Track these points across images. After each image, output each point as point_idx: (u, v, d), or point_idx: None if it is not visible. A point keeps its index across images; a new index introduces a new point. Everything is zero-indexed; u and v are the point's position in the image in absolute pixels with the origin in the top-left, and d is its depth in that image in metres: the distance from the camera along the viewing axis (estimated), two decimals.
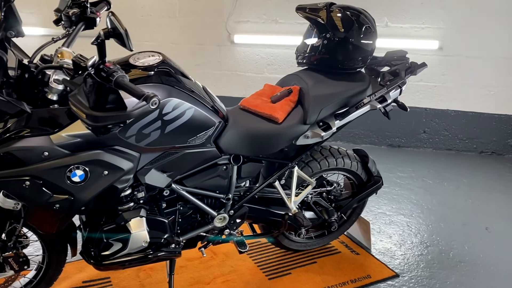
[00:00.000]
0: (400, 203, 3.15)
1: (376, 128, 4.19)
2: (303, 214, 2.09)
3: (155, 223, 1.76)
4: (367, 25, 2.02)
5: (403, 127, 4.15)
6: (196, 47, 4.31)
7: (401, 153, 4.07)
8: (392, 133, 4.19)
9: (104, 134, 1.36)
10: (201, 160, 1.84)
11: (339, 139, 4.30)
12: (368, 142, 4.25)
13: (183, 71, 1.80)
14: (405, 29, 3.87)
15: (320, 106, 1.95)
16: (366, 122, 4.19)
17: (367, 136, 4.24)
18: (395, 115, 4.07)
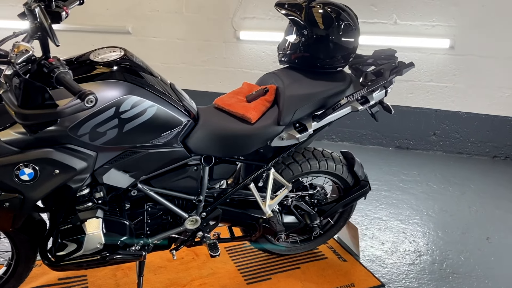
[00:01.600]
0: (399, 208, 3.02)
1: (384, 129, 4.05)
2: (277, 218, 2.01)
3: (114, 224, 1.71)
4: (347, 22, 1.91)
5: (412, 129, 3.99)
6: (202, 43, 4.26)
7: (409, 156, 3.91)
8: (400, 135, 4.04)
9: (35, 133, 1.32)
10: (167, 160, 1.78)
11: (346, 139, 4.17)
12: (375, 143, 4.11)
13: (148, 67, 1.75)
14: (414, 27, 3.71)
15: (295, 106, 1.86)
16: (374, 123, 4.04)
17: (375, 137, 4.10)
18: (404, 116, 3.95)
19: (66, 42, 4.81)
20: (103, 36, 4.50)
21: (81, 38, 4.55)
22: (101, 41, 4.54)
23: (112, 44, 4.38)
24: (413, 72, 3.79)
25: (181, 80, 4.42)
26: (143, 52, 4.47)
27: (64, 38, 4.91)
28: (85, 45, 4.57)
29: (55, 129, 1.48)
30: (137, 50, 4.41)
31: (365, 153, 3.93)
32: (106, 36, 4.49)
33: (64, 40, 4.89)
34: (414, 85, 3.86)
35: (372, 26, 3.78)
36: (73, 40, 4.59)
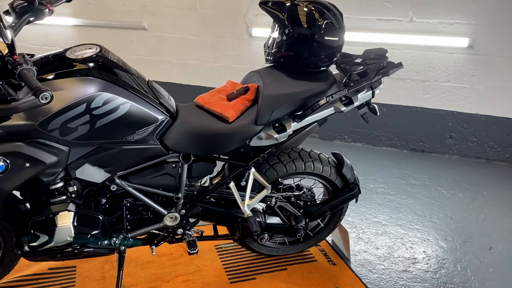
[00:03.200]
0: (401, 213, 2.92)
1: (398, 130, 3.93)
2: (255, 219, 1.99)
3: (86, 218, 1.74)
4: (329, 21, 1.86)
5: (427, 131, 3.85)
6: (215, 40, 4.26)
7: (423, 159, 3.78)
8: (415, 137, 3.91)
9: None
10: (143, 157, 1.80)
11: (358, 140, 4.08)
12: (389, 145, 4.00)
13: (124, 64, 1.76)
14: (431, 25, 3.57)
15: (273, 106, 1.82)
16: (388, 124, 3.94)
17: (389, 138, 3.98)
18: (419, 118, 3.82)
19: (85, 37, 4.97)
20: (119, 32, 4.59)
21: (99, 34, 4.67)
22: (118, 37, 4.63)
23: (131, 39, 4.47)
24: (429, 72, 3.67)
25: (194, 76, 4.46)
26: (158, 48, 4.56)
27: (83, 34, 5.05)
28: (103, 40, 4.68)
29: (25, 123, 1.52)
30: (152, 46, 4.51)
31: (377, 155, 3.84)
32: (123, 32, 4.58)
33: (83, 36, 5.04)
34: (430, 86, 3.73)
35: (387, 23, 3.67)
36: (91, 35, 4.72)
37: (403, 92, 3.81)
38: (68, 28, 4.78)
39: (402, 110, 3.86)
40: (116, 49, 4.67)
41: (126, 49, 4.65)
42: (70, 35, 4.83)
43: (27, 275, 2.22)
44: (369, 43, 3.74)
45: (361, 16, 3.72)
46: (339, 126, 4.08)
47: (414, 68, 3.71)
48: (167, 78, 4.61)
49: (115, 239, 1.91)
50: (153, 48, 4.54)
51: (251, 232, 1.95)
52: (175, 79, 4.60)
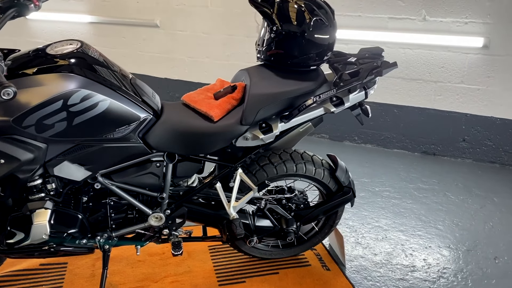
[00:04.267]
0: (405, 218, 2.82)
1: (410, 132, 3.81)
2: (240, 221, 1.93)
3: (63, 217, 1.73)
4: (319, 18, 1.78)
5: (439, 134, 3.71)
6: (226, 38, 4.22)
7: (434, 162, 3.65)
8: (427, 139, 3.77)
9: None
10: (125, 155, 1.77)
11: (369, 142, 3.97)
12: (400, 147, 3.88)
13: (106, 61, 1.73)
14: (445, 24, 3.44)
15: (259, 106, 1.77)
16: (399, 126, 3.83)
17: (400, 140, 3.86)
18: (431, 120, 3.69)
19: (99, 34, 5.01)
20: (133, 29, 4.60)
21: (113, 31, 4.70)
22: (131, 34, 4.65)
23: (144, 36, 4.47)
24: (442, 73, 3.54)
25: (205, 74, 4.43)
26: (169, 46, 4.55)
27: (98, 30, 5.09)
28: (117, 37, 4.72)
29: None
30: (164, 43, 4.51)
31: (386, 157, 3.73)
32: (136, 29, 4.59)
33: (98, 32, 5.07)
34: (443, 87, 3.59)
35: (399, 22, 3.55)
36: (105, 32, 4.76)
37: (415, 93, 3.69)
38: (83, 25, 4.83)
39: (413, 111, 3.74)
40: (129, 46, 4.73)
41: (139, 46, 4.67)
42: (86, 31, 4.87)
43: (18, 270, 2.23)
44: (380, 42, 3.64)
45: (372, 14, 3.62)
46: (349, 127, 3.99)
47: (426, 68, 3.58)
48: (179, 75, 4.61)
49: (99, 238, 1.89)
50: (165, 46, 4.54)
51: (235, 234, 1.89)
52: (187, 76, 4.59)
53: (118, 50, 4.79)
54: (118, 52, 4.78)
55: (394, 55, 3.64)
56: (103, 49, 5.20)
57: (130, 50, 4.75)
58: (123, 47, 4.75)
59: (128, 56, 4.75)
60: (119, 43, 4.74)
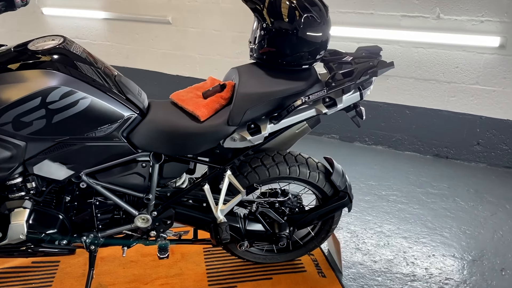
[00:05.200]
0: (410, 224, 2.71)
1: (422, 134, 3.67)
2: (227, 226, 1.87)
3: (42, 217, 1.69)
4: (310, 15, 1.70)
5: (452, 136, 3.57)
6: (237, 35, 4.16)
7: (446, 166, 3.51)
8: (439, 142, 3.64)
9: None
10: (109, 154, 1.73)
11: (379, 143, 3.85)
12: (412, 149, 3.75)
13: (88, 57, 1.69)
14: (460, 22, 3.29)
15: (246, 106, 1.70)
16: (411, 127, 3.70)
17: (411, 142, 3.73)
18: (444, 122, 3.55)
19: (113, 30, 5.01)
20: (146, 25, 4.59)
21: (126, 27, 4.70)
22: (144, 31, 4.64)
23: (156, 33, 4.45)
24: (456, 73, 3.40)
25: (216, 72, 4.38)
26: (182, 43, 4.52)
27: (111, 27, 5.10)
28: (130, 34, 4.71)
29: None
30: (176, 40, 4.48)
31: (397, 160, 3.61)
32: (149, 25, 4.58)
33: (112, 28, 5.07)
34: (457, 88, 3.45)
35: (412, 20, 3.42)
36: (119, 28, 4.76)
37: (427, 94, 3.55)
38: (98, 21, 4.84)
39: (426, 113, 3.60)
40: (142, 43, 4.72)
41: (151, 43, 4.66)
42: (100, 28, 4.89)
43: (10, 268, 2.23)
44: (392, 41, 3.53)
45: (384, 12, 3.50)
46: (360, 128, 3.87)
47: (440, 68, 3.45)
48: (190, 73, 4.58)
49: (85, 238, 1.86)
50: (177, 43, 4.51)
51: (221, 239, 1.83)
52: (198, 74, 4.55)
53: (132, 46, 4.79)
54: (131, 48, 4.79)
55: (406, 55, 3.52)
56: (117, 46, 5.22)
57: (143, 47, 4.74)
58: (136, 43, 4.75)
59: (141, 52, 4.75)
60: (132, 39, 4.74)
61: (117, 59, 4.92)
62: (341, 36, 3.66)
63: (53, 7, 5.02)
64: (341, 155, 3.64)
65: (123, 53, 4.87)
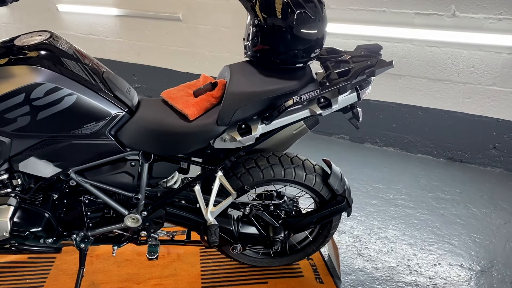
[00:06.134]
0: (416, 230, 2.61)
1: (436, 136, 3.55)
2: (216, 228, 1.81)
3: (28, 214, 1.67)
4: (303, 11, 1.63)
5: (467, 139, 3.44)
6: None
7: (460, 170, 3.38)
8: (454, 145, 3.50)
9: None
10: (96, 152, 1.69)
11: (391, 145, 3.74)
12: (424, 152, 3.62)
13: (76, 53, 1.64)
14: (476, 20, 3.16)
15: (236, 105, 1.63)
16: (424, 129, 3.57)
17: (424, 145, 3.61)
18: (459, 124, 3.42)
19: (125, 27, 5.01)
20: (157, 22, 4.57)
21: (138, 24, 4.69)
22: (155, 28, 4.62)
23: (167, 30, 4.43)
24: (472, 74, 3.26)
25: None
26: (192, 40, 4.48)
27: (124, 23, 5.09)
28: (141, 31, 4.70)
29: None
30: (186, 37, 4.45)
31: (408, 162, 3.49)
32: (160, 22, 4.56)
33: (124, 25, 5.06)
34: (472, 89, 3.32)
35: (426, 18, 3.30)
36: (131, 25, 4.76)
37: (441, 95, 3.43)
38: (110, 18, 4.85)
39: (439, 114, 3.48)
40: (153, 39, 4.70)
41: (162, 40, 4.64)
42: (113, 24, 4.90)
43: (6, 262, 2.22)
44: (405, 40, 3.42)
45: (397, 9, 3.38)
46: (371, 128, 3.77)
47: (455, 68, 3.32)
48: (200, 70, 4.54)
49: (75, 236, 1.84)
50: (187, 40, 4.48)
51: (209, 242, 1.78)
52: (208, 71, 4.44)
53: (143, 43, 4.78)
54: (143, 45, 4.78)
55: (420, 54, 3.39)
56: (129, 42, 5.21)
57: (154, 44, 4.72)
58: (148, 40, 4.74)
59: (152, 49, 4.73)
60: (144, 36, 4.73)
61: (129, 55, 4.92)
62: (352, 34, 3.57)
63: (68, 4, 5.05)
64: (350, 156, 3.55)
65: (134, 50, 4.86)
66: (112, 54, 5.04)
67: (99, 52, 5.10)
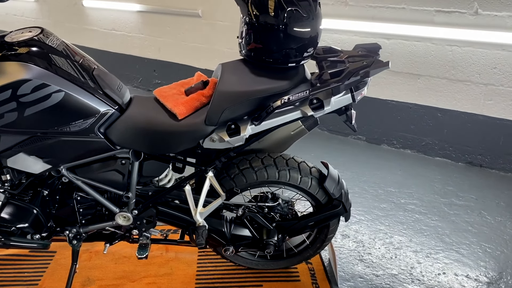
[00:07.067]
0: (424, 237, 2.51)
1: (454, 140, 3.41)
2: (205, 230, 1.78)
3: (15, 210, 1.68)
4: (294, 9, 1.57)
5: (488, 143, 3.29)
6: None
7: (478, 175, 3.23)
8: (473, 149, 3.36)
9: None
10: (86, 150, 1.69)
11: (408, 147, 3.62)
12: (442, 155, 3.49)
13: (66, 50, 1.63)
14: (500, 19, 3.00)
15: (224, 105, 1.60)
16: (442, 131, 3.44)
17: (442, 148, 3.47)
18: (479, 127, 3.27)
19: (147, 22, 5.04)
20: (177, 18, 4.58)
21: (159, 20, 4.72)
22: (175, 24, 4.63)
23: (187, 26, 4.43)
24: (494, 75, 3.12)
25: None
26: (210, 36, 4.47)
27: (145, 19, 5.13)
28: (161, 27, 4.72)
29: None
30: (205, 34, 4.44)
31: (424, 166, 3.37)
32: (180, 18, 4.56)
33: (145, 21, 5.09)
34: (494, 91, 3.16)
35: (447, 16, 3.16)
36: (152, 21, 4.79)
37: (461, 96, 3.29)
38: (133, 14, 4.90)
39: (459, 116, 3.34)
40: (173, 35, 4.72)
41: (182, 36, 4.65)
42: (135, 20, 4.94)
43: (7, 255, 2.27)
44: (425, 38, 3.29)
45: (417, 7, 3.26)
46: (388, 129, 3.66)
47: (476, 69, 3.17)
48: None
49: (67, 233, 1.85)
50: (206, 36, 4.47)
51: (196, 243, 1.75)
52: None
53: (164, 39, 4.80)
54: (163, 41, 4.80)
55: (439, 53, 3.26)
56: (150, 38, 5.24)
57: (174, 40, 4.74)
58: (168, 36, 4.76)
59: (172, 45, 4.75)
60: (164, 32, 4.75)
61: (150, 51, 4.96)
62: (370, 32, 3.47)
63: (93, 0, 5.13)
64: (365, 158, 3.45)
65: (155, 46, 4.89)
66: (134, 49, 5.09)
67: (122, 48, 5.16)
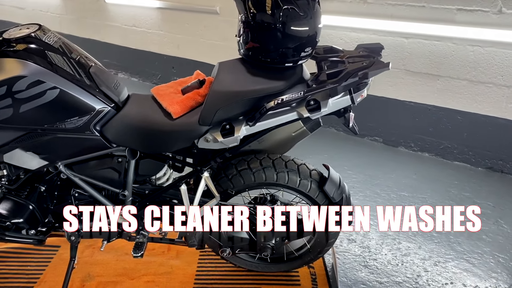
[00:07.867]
0: (434, 244, 2.41)
1: (474, 144, 3.28)
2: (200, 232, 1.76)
3: (10, 205, 1.70)
4: (291, 7, 1.51)
5: (510, 148, 3.14)
6: None
7: (499, 181, 3.10)
8: (494, 154, 3.22)
9: None
10: (82, 147, 1.69)
11: (426, 150, 3.50)
12: (461, 159, 3.36)
13: (63, 47, 1.64)
14: None
15: (217, 105, 1.56)
16: (462, 135, 3.31)
17: (462, 152, 3.35)
18: (501, 131, 3.13)
19: (166, 19, 5.06)
20: (196, 15, 4.58)
21: (178, 17, 4.73)
22: (194, 21, 4.63)
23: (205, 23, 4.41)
24: None
25: None
26: (228, 33, 4.45)
27: (165, 16, 5.15)
28: (180, 24, 4.73)
29: None
30: (223, 30, 4.42)
31: (441, 170, 3.25)
32: (198, 15, 4.56)
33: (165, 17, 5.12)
34: None
35: (469, 14, 3.04)
36: (172, 17, 4.80)
37: (482, 99, 3.16)
38: (153, 10, 4.93)
39: (480, 119, 3.20)
40: (192, 32, 4.71)
41: (200, 33, 4.64)
42: (155, 17, 4.97)
43: (12, 248, 2.30)
44: (445, 38, 3.17)
45: (438, 5, 3.14)
46: (405, 131, 3.56)
47: (498, 70, 3.03)
48: None
49: None
50: (224, 33, 4.44)
51: (188, 244, 1.73)
52: None
53: (183, 36, 4.81)
54: (182, 38, 4.81)
55: (460, 53, 3.14)
56: (169, 35, 5.25)
57: (193, 37, 4.74)
58: (187, 33, 4.76)
59: (191, 42, 4.75)
60: (183, 29, 4.75)
61: (169, 48, 4.97)
62: (388, 31, 3.38)
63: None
64: (381, 160, 3.36)
65: (174, 43, 4.90)
66: (154, 46, 5.12)
67: (142, 44, 5.20)
